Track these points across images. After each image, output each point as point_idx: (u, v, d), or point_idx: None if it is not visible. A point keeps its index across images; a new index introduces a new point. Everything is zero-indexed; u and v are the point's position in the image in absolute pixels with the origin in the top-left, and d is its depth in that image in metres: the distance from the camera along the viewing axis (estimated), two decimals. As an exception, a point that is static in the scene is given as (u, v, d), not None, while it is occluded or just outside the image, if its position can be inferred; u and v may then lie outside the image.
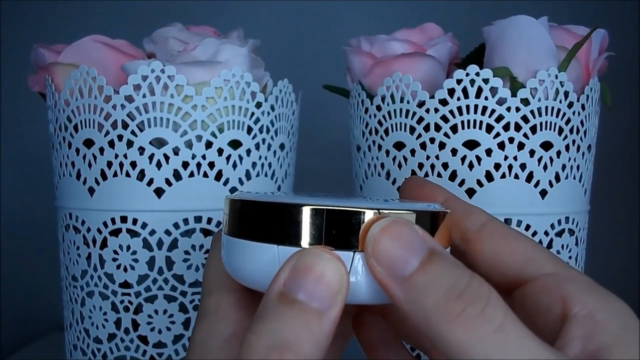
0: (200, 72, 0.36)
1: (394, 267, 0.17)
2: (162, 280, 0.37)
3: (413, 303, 0.16)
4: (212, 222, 0.37)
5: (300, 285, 0.17)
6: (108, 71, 0.38)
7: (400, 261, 0.17)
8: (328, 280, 0.17)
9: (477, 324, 0.16)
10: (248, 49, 0.39)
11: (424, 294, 0.16)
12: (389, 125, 0.38)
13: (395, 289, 0.17)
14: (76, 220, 0.39)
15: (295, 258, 0.18)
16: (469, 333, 0.16)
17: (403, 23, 0.43)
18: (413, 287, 0.16)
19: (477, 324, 0.16)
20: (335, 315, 0.17)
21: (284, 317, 0.17)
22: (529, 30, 0.36)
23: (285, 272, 0.18)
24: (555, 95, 0.36)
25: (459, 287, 0.16)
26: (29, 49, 0.41)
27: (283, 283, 0.18)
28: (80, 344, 0.40)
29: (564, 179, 0.37)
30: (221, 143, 0.37)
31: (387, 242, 0.17)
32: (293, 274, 0.17)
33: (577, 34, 0.37)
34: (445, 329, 0.16)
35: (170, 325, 0.38)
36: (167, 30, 0.41)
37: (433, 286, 0.16)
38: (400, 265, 0.17)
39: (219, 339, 0.21)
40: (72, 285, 0.40)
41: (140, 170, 0.37)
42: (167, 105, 0.36)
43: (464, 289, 0.16)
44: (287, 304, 0.17)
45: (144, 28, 0.42)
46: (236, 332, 0.21)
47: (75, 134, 0.38)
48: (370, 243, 0.17)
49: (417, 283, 0.16)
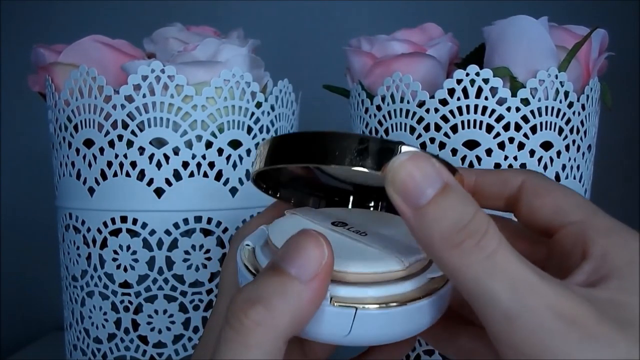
0: (200, 72, 0.36)
1: (410, 196, 0.18)
2: (162, 280, 0.37)
3: (423, 231, 0.18)
4: (212, 222, 0.37)
5: (286, 256, 0.19)
6: (108, 71, 0.38)
7: (416, 191, 0.18)
8: (309, 253, 0.19)
9: (471, 252, 0.18)
10: (248, 49, 0.39)
11: (432, 225, 0.18)
12: (389, 125, 0.38)
13: (409, 216, 0.19)
14: (76, 220, 0.39)
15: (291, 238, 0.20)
16: (463, 259, 0.18)
17: (403, 23, 0.43)
18: (424, 218, 0.18)
19: (471, 252, 0.18)
20: (315, 286, 0.19)
21: (265, 279, 0.19)
22: (529, 30, 0.36)
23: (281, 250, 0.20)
24: (556, 95, 0.36)
25: (462, 222, 0.18)
26: (29, 49, 0.41)
27: (276, 257, 0.20)
28: (80, 344, 0.40)
29: (564, 178, 0.37)
30: (221, 143, 0.37)
31: (406, 172, 0.18)
32: (284, 249, 0.20)
33: (577, 34, 0.37)
34: (445, 255, 0.18)
35: (170, 325, 0.38)
36: (167, 30, 0.41)
37: (441, 219, 0.18)
38: (416, 195, 0.18)
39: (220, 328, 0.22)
40: (72, 285, 0.40)
41: (140, 170, 0.37)
42: (167, 105, 0.36)
43: (466, 224, 0.18)
44: (272, 270, 0.19)
45: (144, 28, 0.42)
46: None
47: (75, 134, 0.38)
48: (390, 172, 0.19)
49: (428, 214, 0.18)
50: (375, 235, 0.23)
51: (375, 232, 0.23)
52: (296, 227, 0.22)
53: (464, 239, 0.18)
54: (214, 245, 0.38)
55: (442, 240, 0.18)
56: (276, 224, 0.24)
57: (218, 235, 0.38)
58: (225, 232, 0.38)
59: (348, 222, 0.24)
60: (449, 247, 0.18)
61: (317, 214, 0.25)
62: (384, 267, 0.21)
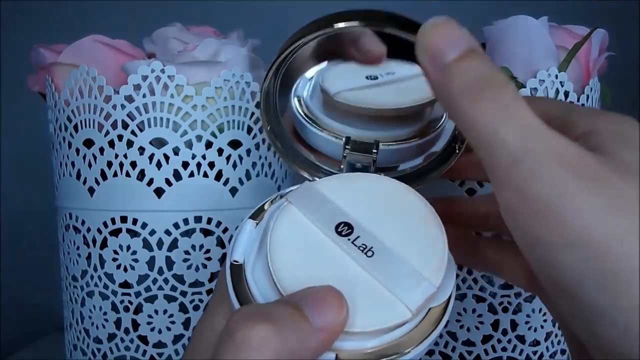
0: (200, 72, 0.36)
1: (436, 55, 0.20)
2: (162, 280, 0.37)
3: (444, 85, 0.20)
4: (212, 222, 0.37)
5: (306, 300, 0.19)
6: (108, 71, 0.38)
7: (442, 51, 0.20)
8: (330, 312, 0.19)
9: (488, 102, 0.19)
10: (248, 49, 0.39)
11: (454, 78, 0.19)
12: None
13: (433, 73, 0.20)
14: (76, 220, 0.39)
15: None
16: (479, 109, 0.19)
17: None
18: (447, 72, 0.19)
19: (489, 102, 0.19)
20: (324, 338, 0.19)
21: (279, 305, 0.19)
22: (529, 30, 0.36)
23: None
24: (556, 95, 0.36)
25: (484, 77, 0.19)
26: (29, 49, 0.41)
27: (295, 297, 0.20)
28: (80, 344, 0.40)
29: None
30: (221, 143, 0.37)
31: (434, 34, 0.20)
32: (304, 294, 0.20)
33: (577, 34, 0.37)
34: (463, 105, 0.19)
35: (170, 325, 0.38)
36: (167, 30, 0.41)
37: (463, 74, 0.19)
38: (441, 54, 0.20)
39: (212, 332, 0.22)
40: (72, 285, 0.40)
41: (140, 170, 0.37)
42: (167, 105, 0.36)
43: (487, 78, 0.19)
44: (288, 303, 0.19)
45: (144, 28, 0.42)
46: None
47: (75, 134, 0.38)
48: (421, 34, 0.20)
49: (452, 69, 0.19)
50: (383, 253, 0.22)
51: (382, 244, 0.22)
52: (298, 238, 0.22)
53: (483, 90, 0.19)
54: (214, 245, 0.38)
55: (461, 92, 0.19)
56: (275, 232, 0.22)
57: (218, 235, 0.38)
58: (225, 232, 0.38)
59: (354, 225, 0.23)
60: (467, 99, 0.19)
61: (319, 207, 0.23)
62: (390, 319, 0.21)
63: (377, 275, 0.21)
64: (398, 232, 0.22)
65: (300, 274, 0.21)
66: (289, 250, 0.22)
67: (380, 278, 0.21)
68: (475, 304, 0.37)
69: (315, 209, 0.23)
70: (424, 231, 0.23)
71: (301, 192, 0.24)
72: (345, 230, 0.22)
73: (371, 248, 0.22)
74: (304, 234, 0.23)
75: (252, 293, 0.22)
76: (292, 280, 0.21)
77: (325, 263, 0.22)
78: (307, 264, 0.22)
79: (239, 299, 0.22)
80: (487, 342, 0.37)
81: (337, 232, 0.22)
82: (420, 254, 0.22)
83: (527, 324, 0.37)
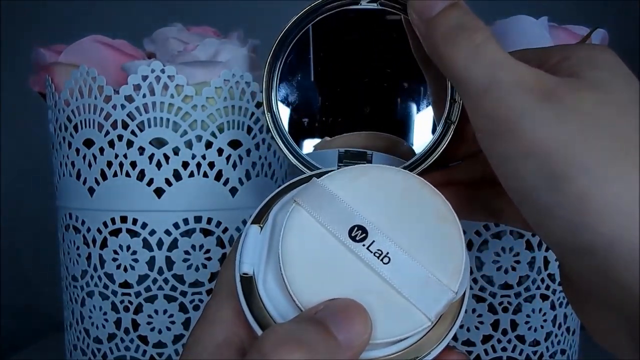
0: (200, 72, 0.36)
1: (423, 11, 0.23)
2: (162, 280, 0.37)
3: (430, 37, 0.23)
4: (212, 222, 0.37)
5: (333, 318, 0.20)
6: (108, 71, 0.38)
7: (428, 6, 0.23)
8: (357, 329, 0.20)
9: (462, 44, 0.22)
10: (248, 49, 0.39)
11: (437, 27, 0.22)
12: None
13: (421, 27, 0.23)
14: (76, 220, 0.39)
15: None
16: (455, 51, 0.22)
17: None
18: (432, 24, 0.23)
19: (463, 44, 0.22)
20: (352, 355, 0.20)
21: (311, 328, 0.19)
22: (529, 30, 0.36)
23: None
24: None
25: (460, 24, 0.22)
26: (29, 49, 0.41)
27: (322, 314, 0.20)
28: (80, 344, 0.40)
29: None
30: (221, 143, 0.37)
31: None
32: (330, 311, 0.20)
33: (577, 34, 0.37)
34: (443, 50, 0.22)
35: (170, 325, 0.38)
36: (167, 30, 0.41)
37: (444, 23, 0.22)
38: (428, 9, 0.23)
39: (211, 342, 0.22)
40: (72, 285, 0.40)
41: (140, 170, 0.37)
42: (167, 105, 0.36)
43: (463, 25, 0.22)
44: (319, 326, 0.20)
45: (144, 28, 0.42)
46: (229, 338, 0.22)
47: (75, 134, 0.38)
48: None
49: (436, 22, 0.23)
50: (399, 259, 0.21)
51: (399, 248, 0.21)
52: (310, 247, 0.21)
53: (459, 35, 0.22)
54: (214, 245, 0.38)
55: (443, 39, 0.22)
56: (286, 241, 0.21)
57: (218, 235, 0.38)
58: (225, 232, 0.38)
59: (368, 228, 0.21)
60: (448, 43, 0.22)
61: (329, 207, 0.22)
62: (410, 329, 0.21)
63: (394, 283, 0.21)
64: (414, 233, 0.22)
65: (317, 285, 0.21)
66: (302, 260, 0.21)
67: (398, 286, 0.21)
68: (475, 304, 0.37)
69: (325, 211, 0.22)
70: (440, 231, 0.22)
71: (309, 192, 0.22)
72: (359, 235, 0.21)
73: (387, 254, 0.21)
74: (316, 242, 0.22)
75: (267, 308, 0.21)
76: (309, 293, 0.21)
77: (341, 272, 0.21)
78: (323, 275, 0.21)
79: (254, 315, 0.21)
80: (487, 342, 0.37)
81: (350, 237, 0.21)
82: (437, 257, 0.21)
83: (527, 324, 0.37)
